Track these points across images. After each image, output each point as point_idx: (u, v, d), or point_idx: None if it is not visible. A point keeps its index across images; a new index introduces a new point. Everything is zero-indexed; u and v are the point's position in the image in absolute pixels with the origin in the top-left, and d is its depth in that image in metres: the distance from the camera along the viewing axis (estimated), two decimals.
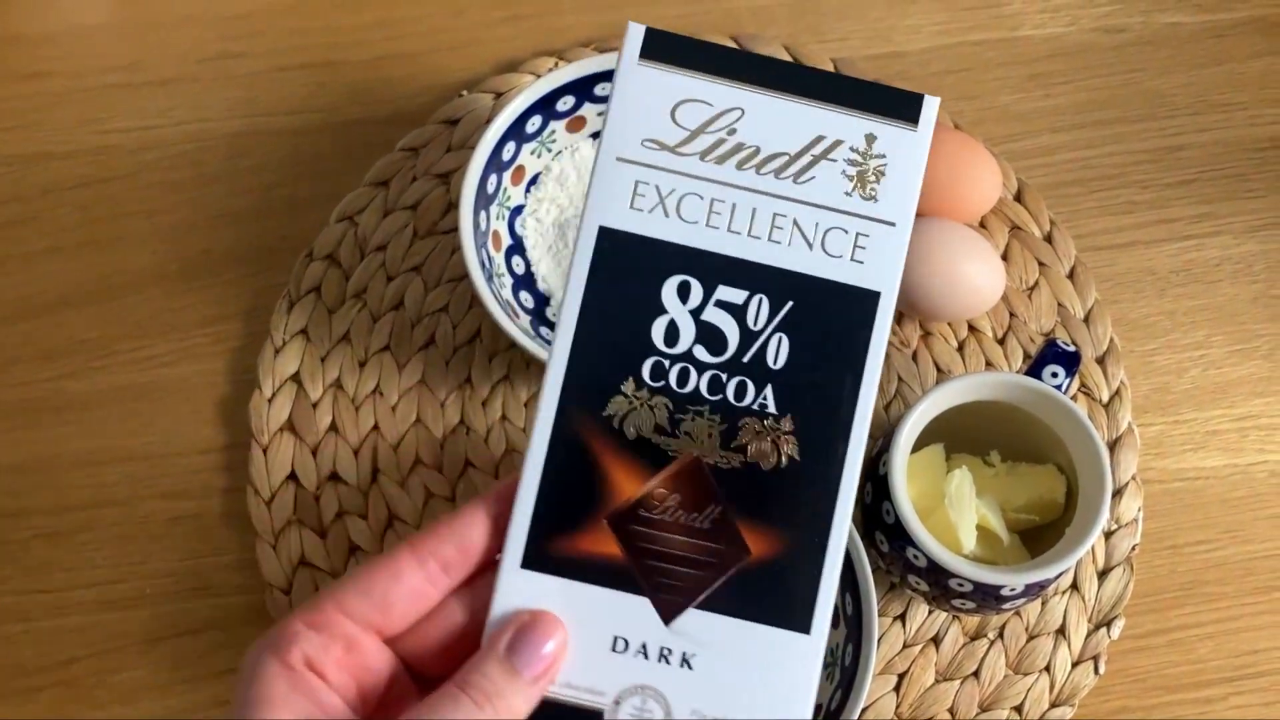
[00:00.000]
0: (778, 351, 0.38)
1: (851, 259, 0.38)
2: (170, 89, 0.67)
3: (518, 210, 0.60)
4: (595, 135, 0.61)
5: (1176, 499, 0.60)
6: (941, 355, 0.61)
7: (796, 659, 0.37)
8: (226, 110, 0.66)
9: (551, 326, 0.59)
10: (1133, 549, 0.58)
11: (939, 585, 0.51)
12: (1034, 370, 0.53)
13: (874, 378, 0.38)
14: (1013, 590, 0.50)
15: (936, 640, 0.57)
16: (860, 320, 0.38)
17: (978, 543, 0.52)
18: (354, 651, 0.35)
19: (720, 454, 0.38)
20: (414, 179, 0.64)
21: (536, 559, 0.37)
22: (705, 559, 0.37)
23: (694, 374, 0.38)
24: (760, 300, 0.38)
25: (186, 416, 0.61)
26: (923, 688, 0.57)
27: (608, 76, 0.58)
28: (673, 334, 0.38)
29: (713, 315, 0.38)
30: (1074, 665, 0.57)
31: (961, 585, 0.50)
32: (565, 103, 0.59)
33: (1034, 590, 0.50)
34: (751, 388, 0.38)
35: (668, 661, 0.37)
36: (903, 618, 0.57)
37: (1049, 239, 0.63)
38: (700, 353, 0.38)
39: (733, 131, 0.38)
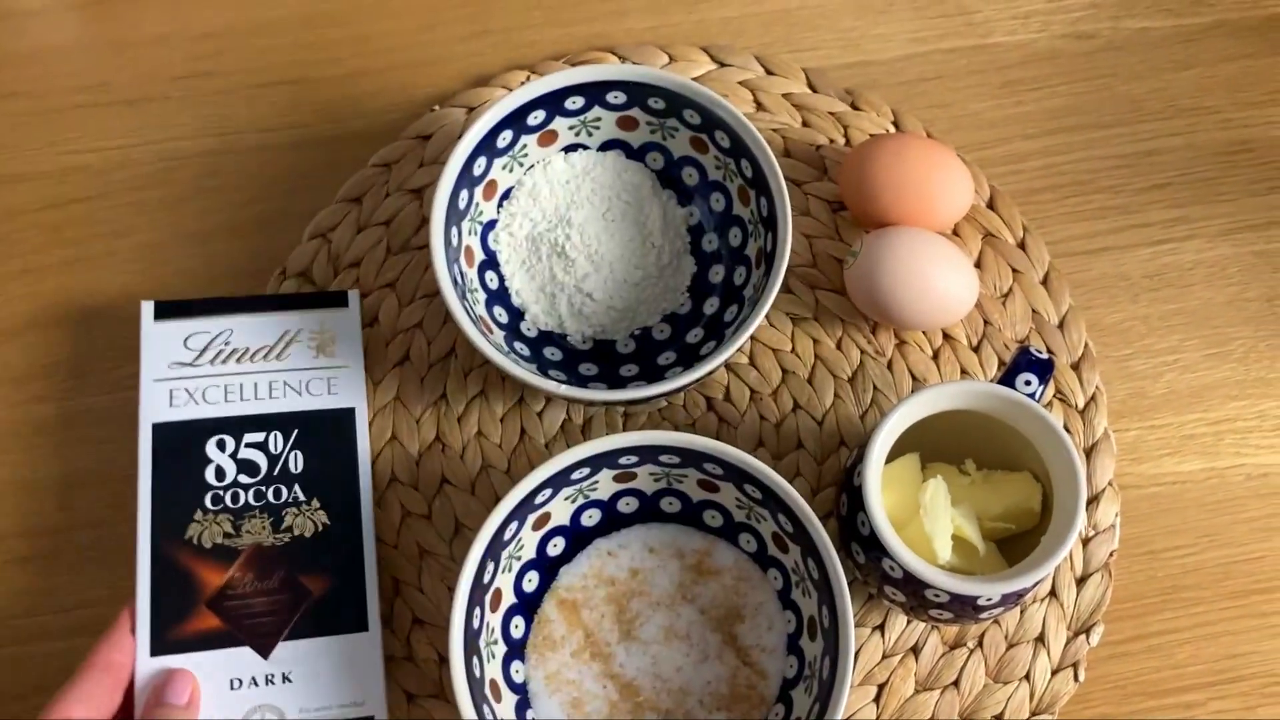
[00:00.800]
0: (297, 461, 0.57)
1: (329, 393, 0.59)
2: (139, 108, 0.66)
3: (490, 225, 0.60)
4: (567, 149, 0.61)
5: (1154, 504, 0.60)
6: (916, 364, 0.61)
7: (364, 649, 0.55)
8: (197, 129, 0.66)
9: (526, 341, 0.59)
10: (1110, 555, 0.58)
11: (916, 596, 0.51)
12: (1007, 378, 0.53)
13: (366, 457, 0.58)
14: (989, 600, 0.50)
15: (915, 650, 0.57)
16: (347, 426, 0.58)
17: (954, 552, 0.52)
18: None
19: (274, 537, 0.56)
20: (387, 195, 0.64)
21: (161, 647, 0.54)
22: (281, 607, 0.55)
23: (243, 493, 0.57)
24: (276, 435, 0.58)
25: None
26: (902, 698, 0.57)
27: (579, 90, 0.58)
28: (220, 473, 0.57)
29: (246, 453, 0.57)
30: (1054, 673, 0.57)
31: (938, 596, 0.50)
32: (536, 117, 0.59)
33: (1011, 600, 0.50)
34: (284, 489, 0.57)
35: (273, 683, 0.54)
36: (881, 628, 0.57)
37: (1022, 246, 0.63)
38: (244, 479, 0.57)
39: (228, 343, 0.59)
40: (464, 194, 0.58)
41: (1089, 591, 0.58)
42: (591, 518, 0.55)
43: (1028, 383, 0.53)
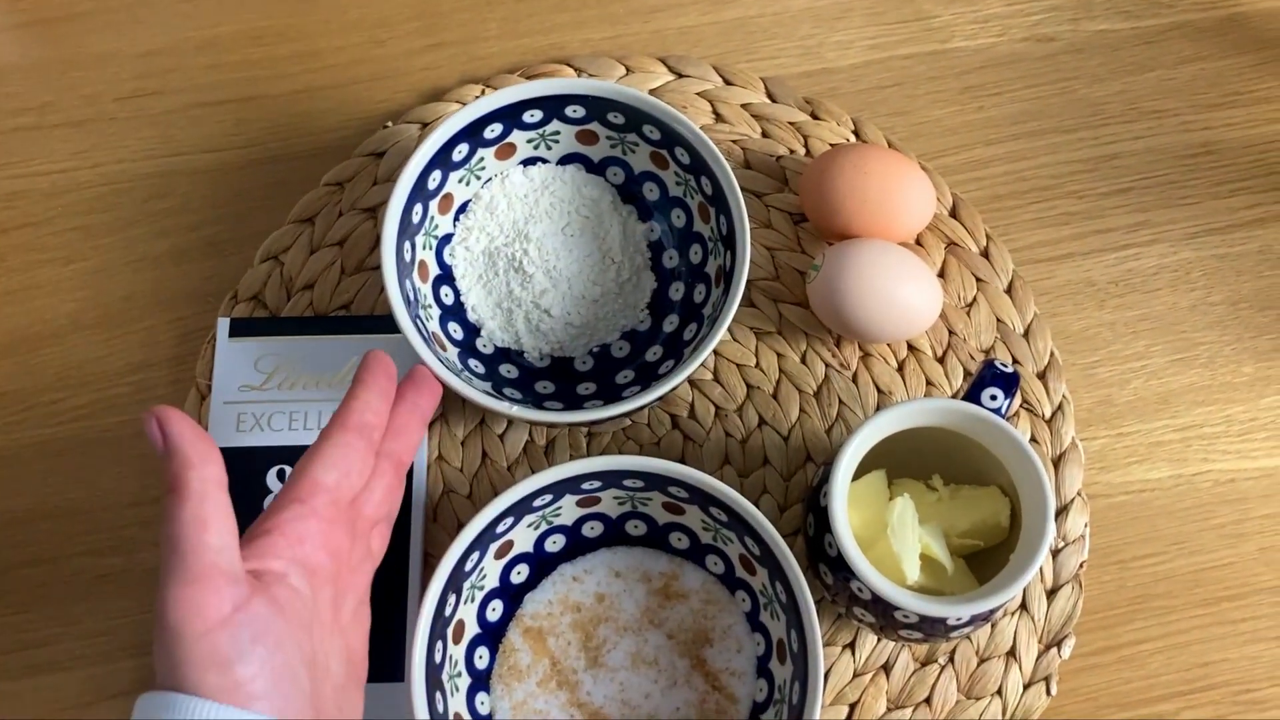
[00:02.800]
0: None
1: None
2: (85, 130, 0.65)
3: (446, 239, 0.59)
4: (526, 162, 0.60)
5: (1123, 512, 0.59)
6: (881, 376, 0.60)
7: (401, 697, 0.52)
8: (144, 150, 0.64)
9: (481, 359, 0.58)
10: (1080, 566, 0.58)
11: (885, 617, 0.50)
12: (973, 393, 0.53)
13: (421, 497, 0.57)
14: (959, 620, 0.49)
15: (887, 668, 0.56)
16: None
17: (922, 571, 0.51)
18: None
19: None
20: (340, 214, 0.63)
21: None
22: None
23: None
24: None
25: (110, 470, 0.59)
26: (874, 717, 0.56)
27: (537, 103, 0.57)
28: None
29: None
30: (1026, 687, 0.56)
31: (907, 617, 0.49)
32: (493, 130, 0.58)
33: (981, 619, 0.50)
34: None
35: None
36: (852, 646, 0.57)
37: (986, 254, 0.62)
38: None
39: (296, 367, 0.58)
40: (418, 208, 0.56)
41: (1059, 604, 0.57)
42: (555, 543, 0.54)
43: (993, 397, 0.52)
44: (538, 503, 0.51)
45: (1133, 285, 0.63)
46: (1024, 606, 0.57)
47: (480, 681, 0.52)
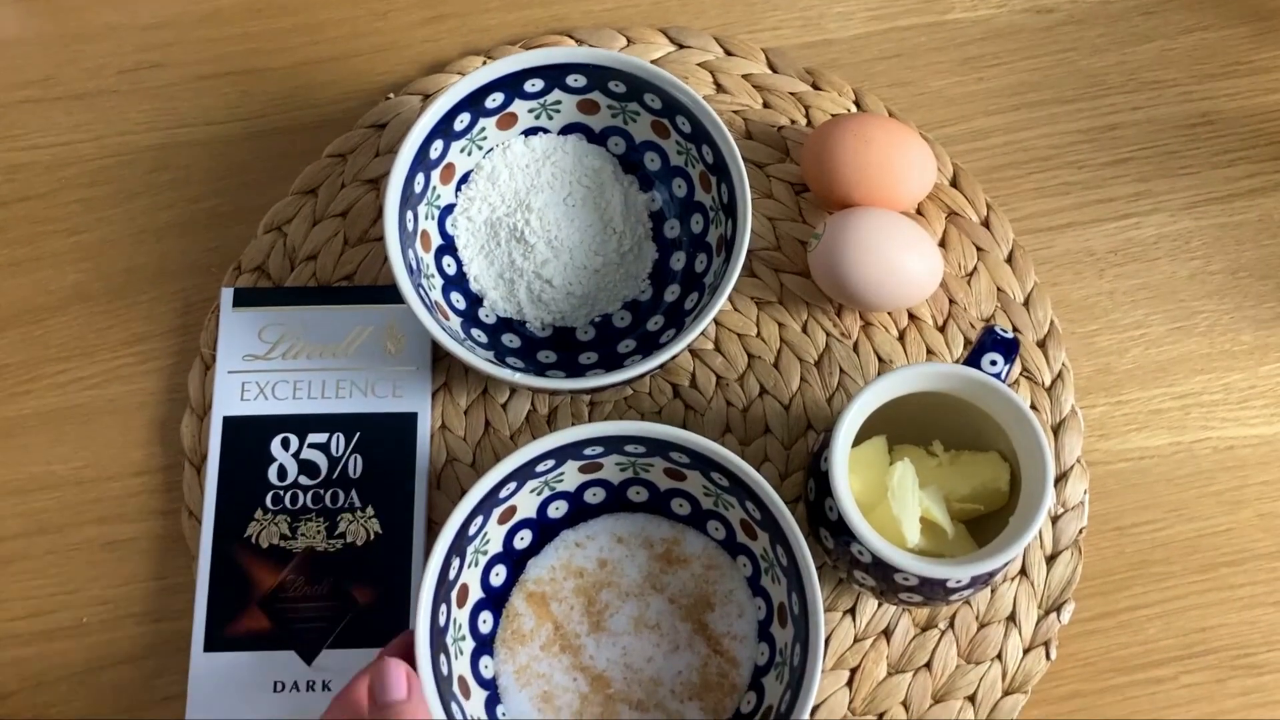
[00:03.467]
0: (356, 466, 0.57)
1: (393, 395, 0.58)
2: (87, 103, 0.65)
3: (448, 209, 0.59)
4: (527, 132, 0.60)
5: (1122, 480, 0.60)
6: (882, 345, 0.60)
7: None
8: (146, 123, 0.65)
9: (484, 329, 0.58)
10: (1080, 532, 0.58)
11: (885, 580, 0.50)
12: (973, 358, 0.53)
13: (425, 465, 0.58)
14: (959, 582, 0.49)
15: (887, 633, 0.57)
16: (408, 431, 0.58)
17: (922, 535, 0.52)
18: None
19: (327, 542, 0.56)
20: (342, 185, 0.63)
21: (213, 644, 0.55)
22: (328, 614, 0.55)
23: (301, 495, 0.57)
24: (338, 436, 0.58)
25: (117, 439, 0.60)
26: (875, 681, 0.56)
27: (538, 73, 0.57)
28: (282, 472, 0.57)
29: (308, 454, 0.57)
30: (1025, 652, 0.57)
31: (907, 580, 0.49)
32: (495, 99, 0.58)
33: (981, 581, 0.50)
34: (341, 494, 0.57)
35: (314, 689, 0.54)
36: (852, 611, 0.57)
37: (986, 224, 0.62)
38: (304, 480, 0.57)
39: (300, 336, 0.59)
40: (420, 177, 0.57)
41: (1059, 569, 0.58)
42: (558, 509, 0.55)
43: (993, 362, 0.53)
44: (540, 468, 0.52)
45: (1132, 254, 0.63)
46: (1024, 572, 0.57)
47: (484, 645, 0.53)
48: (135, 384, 0.60)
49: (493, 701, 0.52)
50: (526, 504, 0.53)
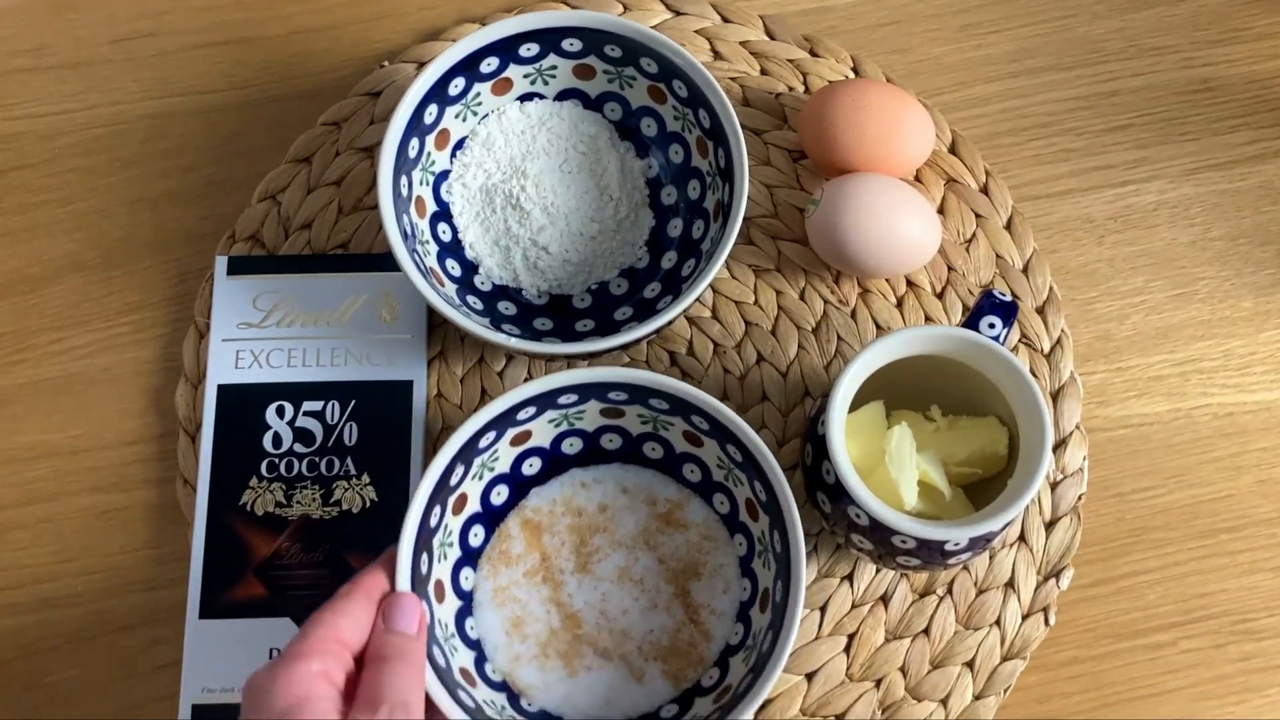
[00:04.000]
0: (351, 434, 0.57)
1: (389, 363, 0.58)
2: (81, 72, 0.65)
3: (443, 175, 0.59)
4: (523, 98, 0.60)
5: (1121, 446, 0.59)
6: (880, 312, 0.60)
7: None
8: (140, 92, 0.64)
9: (480, 295, 0.58)
10: (1079, 498, 0.58)
11: (883, 543, 0.50)
12: (971, 322, 0.53)
13: (420, 433, 0.57)
14: (956, 545, 0.49)
15: (885, 599, 0.57)
16: (403, 399, 0.57)
17: (920, 498, 0.51)
18: (343, 664, 0.44)
19: (323, 510, 0.56)
20: (337, 154, 0.62)
21: (209, 611, 0.55)
22: (324, 582, 0.55)
23: (297, 463, 0.57)
24: (334, 404, 0.57)
25: (111, 408, 0.59)
26: (873, 647, 0.56)
27: (533, 37, 0.57)
28: (277, 440, 0.57)
29: (303, 422, 0.57)
30: (1024, 618, 0.57)
31: (905, 542, 0.49)
32: (489, 64, 0.57)
33: (978, 544, 0.50)
34: (337, 462, 0.57)
35: None
36: (850, 577, 0.57)
37: (985, 190, 0.62)
38: (299, 448, 0.57)
39: (294, 304, 0.58)
40: (414, 142, 0.56)
41: (1058, 535, 0.57)
42: (573, 446, 0.55)
43: (992, 325, 0.52)
44: (563, 399, 0.52)
45: (1132, 221, 0.63)
46: (1022, 538, 0.57)
47: (469, 558, 0.53)
48: (130, 353, 0.60)
49: (464, 613, 0.52)
50: (542, 433, 0.53)
